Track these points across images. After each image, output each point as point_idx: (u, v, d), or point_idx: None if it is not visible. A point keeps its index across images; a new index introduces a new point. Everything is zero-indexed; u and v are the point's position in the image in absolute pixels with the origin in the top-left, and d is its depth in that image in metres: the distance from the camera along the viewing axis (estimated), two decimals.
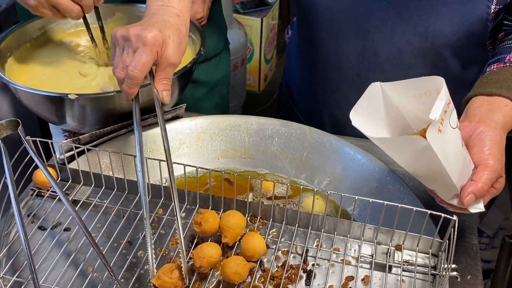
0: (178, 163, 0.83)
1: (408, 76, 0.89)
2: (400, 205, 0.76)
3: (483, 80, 0.83)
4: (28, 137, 0.84)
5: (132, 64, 0.79)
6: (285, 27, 1.48)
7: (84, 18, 1.03)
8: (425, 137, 0.63)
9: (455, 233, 0.73)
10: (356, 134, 1.16)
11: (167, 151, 0.78)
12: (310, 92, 1.20)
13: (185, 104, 1.04)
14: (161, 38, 0.80)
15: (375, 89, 0.72)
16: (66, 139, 1.05)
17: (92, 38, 1.07)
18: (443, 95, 0.64)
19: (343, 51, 1.05)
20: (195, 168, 0.84)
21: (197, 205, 0.86)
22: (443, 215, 0.74)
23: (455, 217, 0.73)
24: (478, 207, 0.73)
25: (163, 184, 0.88)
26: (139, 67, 0.78)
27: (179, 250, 0.72)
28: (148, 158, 0.84)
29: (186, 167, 0.83)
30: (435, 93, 0.67)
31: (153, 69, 0.85)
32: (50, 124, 1.07)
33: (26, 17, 1.10)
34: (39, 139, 0.85)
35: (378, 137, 0.71)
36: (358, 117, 0.72)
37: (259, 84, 2.86)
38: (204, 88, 1.34)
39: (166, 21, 0.83)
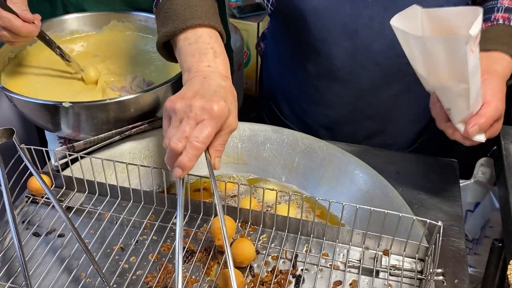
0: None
1: (401, 64, 0.98)
2: (386, 211, 0.77)
3: None
4: (22, 145, 0.85)
5: (195, 135, 0.73)
6: None
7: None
8: None
9: (440, 238, 0.74)
10: (352, 132, 1.18)
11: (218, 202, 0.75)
12: (299, 98, 1.21)
13: None
14: (227, 108, 0.76)
15: (414, 10, 0.75)
16: (61, 146, 1.07)
17: (62, 56, 1.09)
18: (479, 21, 0.68)
19: (333, 54, 1.06)
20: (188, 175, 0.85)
21: (189, 211, 0.88)
22: (428, 220, 0.76)
23: (440, 223, 0.74)
24: (480, 138, 0.81)
25: (156, 191, 0.89)
26: (203, 139, 0.73)
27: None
28: (142, 166, 0.86)
29: None
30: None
31: None
32: (45, 131, 1.09)
33: None
34: (34, 147, 0.87)
35: (419, 35, 0.73)
36: (396, 20, 0.74)
37: (256, 87, 2.87)
38: None
39: (222, 86, 0.79)
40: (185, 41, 0.84)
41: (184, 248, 0.81)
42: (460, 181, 1.01)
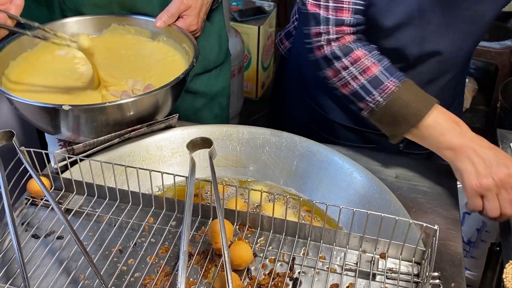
0: (169, 173, 0.85)
1: (459, 57, 1.06)
2: (383, 215, 0.78)
3: None
4: (22, 148, 0.86)
5: None
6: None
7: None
8: None
9: (437, 241, 0.74)
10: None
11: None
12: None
13: (178, 114, 1.06)
14: None
15: None
16: (61, 148, 1.07)
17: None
18: None
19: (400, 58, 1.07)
20: (185, 178, 0.86)
21: None
22: (424, 224, 0.76)
23: (436, 227, 0.74)
24: None
25: (154, 193, 0.90)
26: None
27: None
28: (140, 168, 0.86)
29: (176, 176, 0.85)
30: None
31: None
32: (45, 133, 1.10)
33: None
34: (33, 149, 0.87)
35: None
36: None
37: (257, 91, 2.88)
38: (204, 99, 1.36)
39: None
40: None
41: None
42: (458, 183, 1.01)
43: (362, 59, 0.97)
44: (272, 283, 0.78)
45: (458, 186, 1.01)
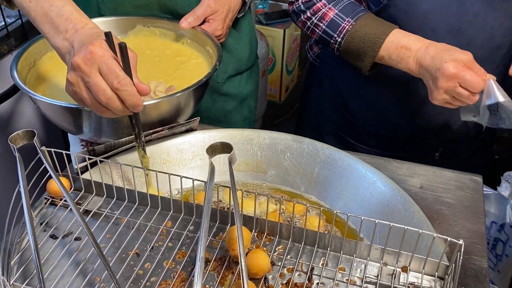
0: (187, 177, 0.85)
1: (497, 55, 1.06)
2: (406, 227, 0.75)
3: None
4: (43, 148, 0.86)
5: None
6: (309, 38, 1.49)
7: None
8: None
9: (461, 257, 0.72)
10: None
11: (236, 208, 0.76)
12: (384, 98, 1.22)
13: (199, 117, 1.05)
14: None
15: None
16: (83, 148, 1.08)
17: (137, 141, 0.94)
18: None
19: None
20: (204, 182, 0.85)
21: None
22: (449, 238, 0.74)
23: (461, 241, 0.72)
24: None
25: (173, 197, 0.89)
26: None
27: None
28: (160, 172, 0.86)
29: (195, 181, 0.84)
30: None
31: None
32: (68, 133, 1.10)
33: None
34: (54, 149, 0.87)
35: None
36: None
37: (280, 94, 2.87)
38: (235, 101, 1.36)
39: None
40: None
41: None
42: (484, 189, 0.98)
43: (321, 9, 1.11)
44: None
45: (484, 191, 0.99)
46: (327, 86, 1.34)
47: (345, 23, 1.08)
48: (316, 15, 1.11)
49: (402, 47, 1.02)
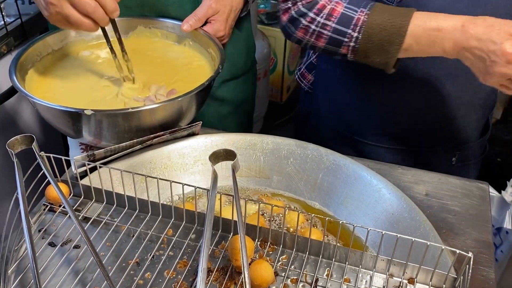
0: (190, 185, 0.83)
1: None
2: (413, 239, 0.74)
3: None
4: (42, 153, 0.84)
5: None
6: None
7: (103, 30, 1.02)
8: None
9: (470, 269, 0.70)
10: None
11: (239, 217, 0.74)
12: (391, 108, 1.15)
13: (201, 122, 1.03)
14: None
15: None
16: (82, 152, 1.06)
17: (111, 50, 1.06)
18: None
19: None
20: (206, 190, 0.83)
21: None
22: (457, 251, 0.72)
23: (470, 254, 0.70)
24: None
25: (174, 203, 0.87)
26: None
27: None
28: (161, 179, 0.84)
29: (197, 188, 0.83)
30: None
31: None
32: (68, 137, 1.08)
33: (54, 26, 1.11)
34: (53, 155, 0.86)
35: None
36: None
37: (281, 95, 2.85)
38: (230, 106, 1.33)
39: None
40: None
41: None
42: (491, 192, 0.96)
43: (326, 6, 0.96)
44: None
45: (492, 194, 0.97)
46: (326, 112, 1.26)
47: (359, 14, 0.93)
48: (322, 14, 0.96)
49: (433, 29, 0.89)
